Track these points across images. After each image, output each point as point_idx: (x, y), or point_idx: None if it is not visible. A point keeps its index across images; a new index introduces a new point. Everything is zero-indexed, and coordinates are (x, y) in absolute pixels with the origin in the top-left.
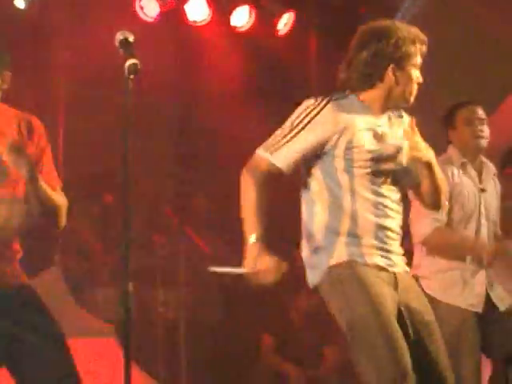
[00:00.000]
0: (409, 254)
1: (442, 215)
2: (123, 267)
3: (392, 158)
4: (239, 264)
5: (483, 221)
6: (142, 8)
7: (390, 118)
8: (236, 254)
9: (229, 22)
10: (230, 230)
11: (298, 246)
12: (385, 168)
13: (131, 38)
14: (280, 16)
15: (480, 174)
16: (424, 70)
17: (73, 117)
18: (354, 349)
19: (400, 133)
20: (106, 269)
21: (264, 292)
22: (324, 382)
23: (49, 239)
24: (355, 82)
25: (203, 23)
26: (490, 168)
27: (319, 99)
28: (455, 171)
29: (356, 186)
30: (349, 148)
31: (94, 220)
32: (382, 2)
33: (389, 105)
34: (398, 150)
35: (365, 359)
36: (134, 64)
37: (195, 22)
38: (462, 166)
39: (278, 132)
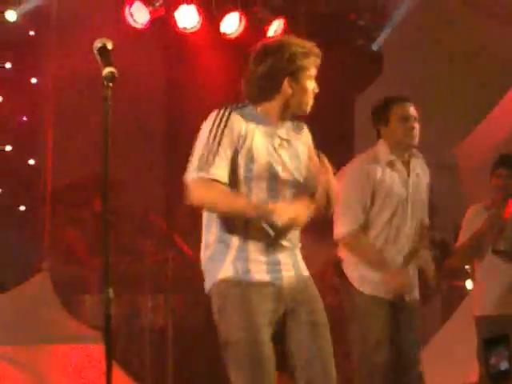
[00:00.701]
0: None
1: (360, 216)
2: (104, 273)
3: (288, 169)
4: None
5: (408, 219)
6: (131, 15)
7: (288, 130)
8: None
9: (219, 29)
10: None
11: None
12: (282, 179)
13: (109, 46)
14: (270, 23)
15: (408, 168)
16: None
17: (62, 125)
18: (226, 362)
19: (300, 145)
20: (94, 275)
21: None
22: None
23: (37, 245)
24: (255, 95)
25: (193, 30)
26: (418, 157)
27: (222, 109)
28: (379, 169)
29: (253, 196)
30: (248, 157)
31: (84, 227)
32: (370, 8)
33: (286, 115)
34: (296, 161)
35: (233, 376)
36: (111, 72)
37: (185, 28)
38: (390, 164)
39: (200, 152)
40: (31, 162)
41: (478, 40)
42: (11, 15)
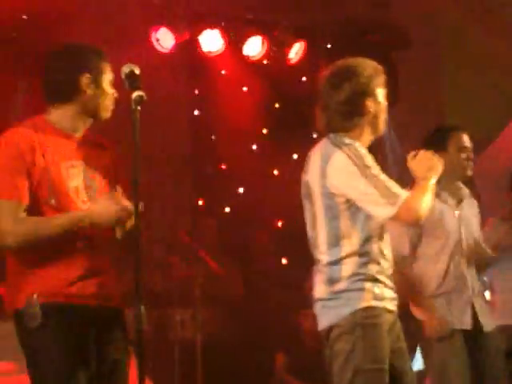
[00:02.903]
0: None
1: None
2: (135, 290)
3: None
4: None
5: (457, 255)
6: (157, 40)
7: None
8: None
9: (241, 52)
10: (240, 252)
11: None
12: None
13: (137, 71)
14: (291, 45)
15: (458, 200)
16: None
17: None
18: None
19: None
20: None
21: (276, 312)
22: None
23: None
24: (338, 123)
25: (217, 53)
26: (466, 191)
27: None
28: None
29: None
30: None
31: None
32: (388, 28)
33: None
34: None
35: None
36: (139, 96)
37: (210, 52)
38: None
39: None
40: None
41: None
42: None
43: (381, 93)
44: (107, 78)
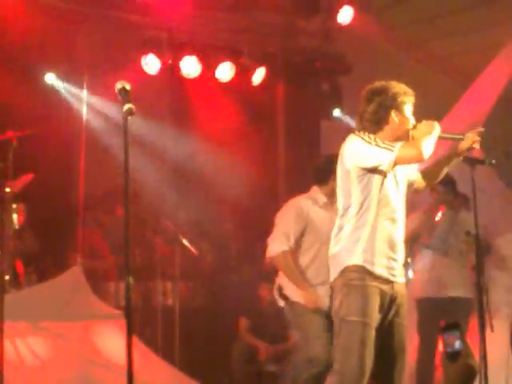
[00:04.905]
0: None
1: (291, 241)
2: (125, 265)
3: None
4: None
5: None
6: (146, 64)
7: None
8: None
9: (214, 75)
10: (212, 236)
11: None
12: None
13: (128, 87)
14: (254, 70)
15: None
16: None
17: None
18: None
19: None
20: (116, 267)
21: (240, 284)
22: (287, 356)
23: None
24: (368, 128)
25: (194, 76)
26: None
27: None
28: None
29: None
30: None
31: (106, 228)
32: (333, 57)
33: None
34: None
35: (339, 352)
36: (129, 108)
37: (188, 75)
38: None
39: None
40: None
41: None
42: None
43: (407, 109)
44: None
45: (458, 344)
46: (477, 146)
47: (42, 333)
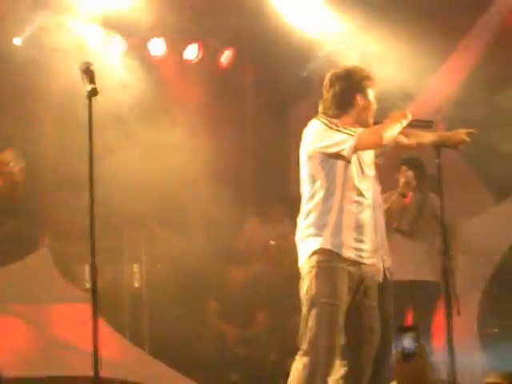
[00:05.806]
0: None
1: None
2: (91, 249)
3: None
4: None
5: None
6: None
7: None
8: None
9: (182, 56)
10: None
11: None
12: None
13: (92, 67)
14: (222, 52)
15: None
16: None
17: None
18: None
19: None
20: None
21: (208, 266)
22: (255, 340)
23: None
24: (332, 111)
25: (162, 57)
26: None
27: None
28: None
29: None
30: None
31: (76, 211)
32: (295, 41)
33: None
34: None
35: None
36: (93, 88)
37: (156, 56)
38: None
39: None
40: None
41: None
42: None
43: (370, 93)
44: None
45: (413, 345)
46: (462, 145)
47: (8, 315)
